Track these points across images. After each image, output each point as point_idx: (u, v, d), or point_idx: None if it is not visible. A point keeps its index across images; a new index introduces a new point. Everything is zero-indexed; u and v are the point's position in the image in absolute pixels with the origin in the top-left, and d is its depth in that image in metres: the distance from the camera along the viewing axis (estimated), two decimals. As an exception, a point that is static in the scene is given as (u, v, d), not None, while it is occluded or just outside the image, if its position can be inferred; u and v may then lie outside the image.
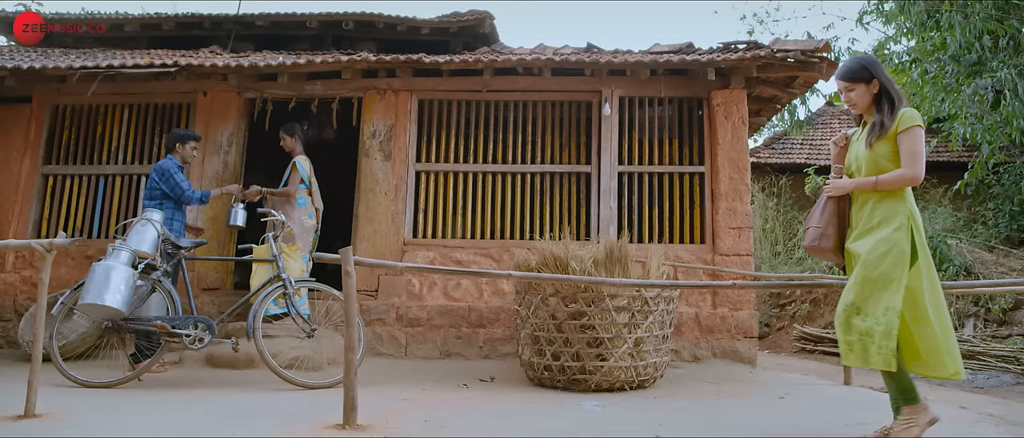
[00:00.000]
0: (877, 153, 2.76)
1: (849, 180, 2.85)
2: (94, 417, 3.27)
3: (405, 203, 5.66)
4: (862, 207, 2.81)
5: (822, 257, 3.05)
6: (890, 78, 2.82)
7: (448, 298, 5.51)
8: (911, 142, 2.69)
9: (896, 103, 2.76)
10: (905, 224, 2.67)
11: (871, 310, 2.65)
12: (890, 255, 2.64)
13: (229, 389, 4.15)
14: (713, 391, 4.50)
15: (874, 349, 2.63)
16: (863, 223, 2.78)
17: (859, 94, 2.83)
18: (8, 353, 5.47)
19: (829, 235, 2.90)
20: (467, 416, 3.49)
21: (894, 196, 2.73)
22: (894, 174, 2.70)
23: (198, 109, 5.93)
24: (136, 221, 4.51)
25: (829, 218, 2.92)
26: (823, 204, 2.96)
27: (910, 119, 2.71)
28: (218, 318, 4.41)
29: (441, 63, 5.35)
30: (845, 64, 2.90)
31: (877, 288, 2.65)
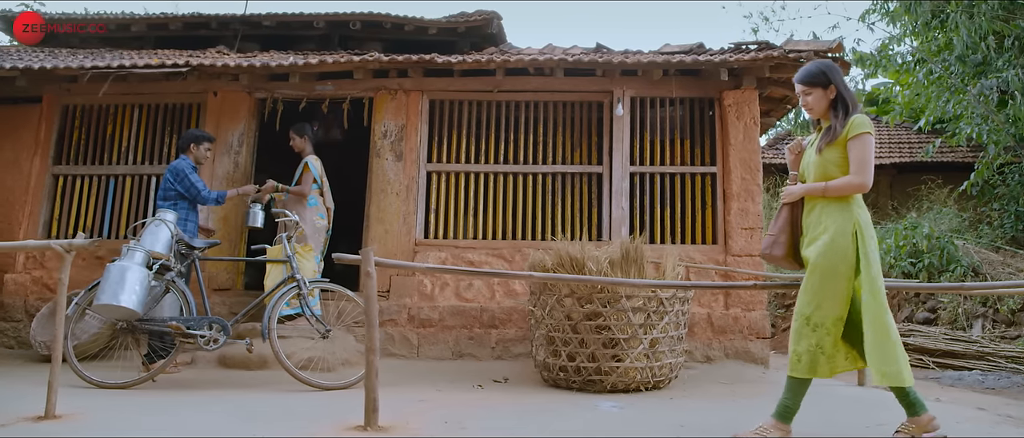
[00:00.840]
0: (826, 159, 2.76)
1: (800, 186, 2.86)
2: (114, 418, 3.26)
3: (416, 203, 5.65)
4: (811, 213, 2.82)
5: (776, 264, 3.07)
6: (846, 85, 2.82)
7: (460, 299, 5.50)
8: (860, 149, 2.69)
9: (850, 110, 2.76)
10: (850, 231, 2.66)
11: (821, 320, 2.67)
12: (836, 266, 2.65)
13: (244, 390, 4.14)
14: (728, 392, 4.49)
15: (823, 361, 2.66)
16: (812, 230, 2.79)
17: (816, 99, 2.83)
18: (19, 353, 5.45)
19: (781, 242, 2.92)
20: (487, 417, 3.48)
21: (842, 202, 2.73)
22: (842, 181, 2.70)
23: (208, 109, 5.92)
24: (150, 222, 4.50)
25: (782, 225, 2.93)
26: (778, 211, 2.98)
27: (860, 126, 2.70)
28: (232, 319, 4.40)
29: (453, 63, 5.34)
30: (804, 68, 2.91)
31: (826, 298, 2.66)
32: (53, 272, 5.71)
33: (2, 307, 5.63)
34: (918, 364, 7.26)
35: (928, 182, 11.91)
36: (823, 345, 2.66)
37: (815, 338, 2.68)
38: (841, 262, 2.64)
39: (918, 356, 7.47)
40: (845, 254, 2.64)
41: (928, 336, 7.82)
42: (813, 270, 2.71)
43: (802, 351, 2.70)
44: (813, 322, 2.69)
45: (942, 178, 11.88)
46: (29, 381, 4.35)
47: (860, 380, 4.88)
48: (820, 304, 2.67)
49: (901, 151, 13.62)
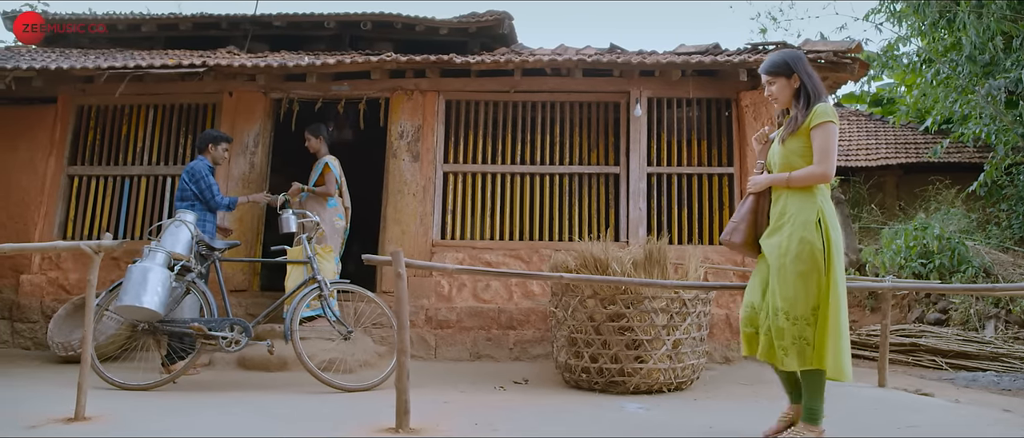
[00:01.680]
0: (789, 149, 2.74)
1: (764, 177, 2.85)
2: (142, 419, 3.25)
3: (433, 204, 5.64)
4: (776, 203, 2.80)
5: (735, 252, 3.05)
6: (812, 74, 2.79)
7: (477, 300, 5.49)
8: (823, 138, 2.66)
9: (813, 99, 2.73)
10: (815, 221, 2.64)
11: (801, 313, 2.63)
12: (806, 255, 2.63)
13: (265, 392, 4.13)
14: (750, 392, 4.49)
15: (810, 352, 2.62)
16: (776, 220, 2.77)
17: (779, 88, 2.81)
18: (36, 354, 5.43)
19: (740, 230, 2.90)
20: (515, 418, 3.47)
21: (805, 193, 2.71)
22: (805, 171, 2.68)
23: (223, 109, 5.90)
24: (170, 222, 4.48)
25: (744, 214, 2.92)
26: (743, 200, 2.97)
27: (822, 114, 2.67)
28: (253, 320, 4.39)
29: (472, 64, 5.33)
30: (769, 58, 2.89)
31: (799, 291, 2.63)
32: (69, 273, 5.69)
33: (18, 308, 5.62)
34: (931, 365, 7.25)
35: (936, 183, 11.90)
36: (807, 337, 2.62)
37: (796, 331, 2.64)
38: (810, 255, 2.62)
39: (931, 357, 7.46)
40: (813, 247, 2.62)
41: (940, 337, 7.81)
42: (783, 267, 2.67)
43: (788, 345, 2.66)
44: (792, 315, 2.65)
45: (950, 179, 11.87)
46: (50, 382, 4.34)
47: (880, 381, 4.87)
48: (795, 298, 2.64)
49: (907, 151, 13.61)
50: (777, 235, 2.73)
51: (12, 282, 5.69)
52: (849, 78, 5.33)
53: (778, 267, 2.70)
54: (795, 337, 2.64)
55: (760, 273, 2.85)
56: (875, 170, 13.42)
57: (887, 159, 13.43)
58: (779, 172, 2.78)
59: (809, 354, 2.62)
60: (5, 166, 5.85)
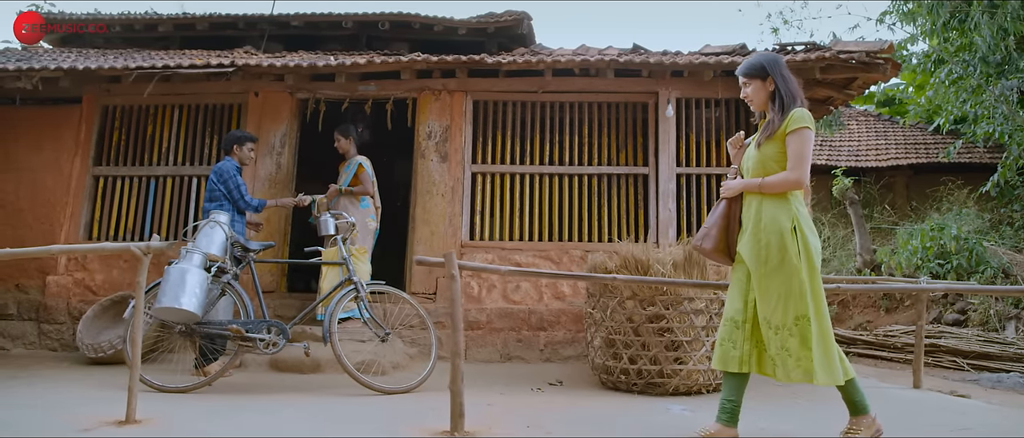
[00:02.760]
0: (765, 154, 2.71)
1: (738, 181, 2.80)
2: (192, 422, 3.23)
3: (462, 205, 5.62)
4: (749, 208, 2.76)
5: (707, 257, 2.99)
6: (789, 78, 2.76)
7: (507, 301, 5.47)
8: (798, 144, 2.62)
9: (787, 103, 2.69)
10: (789, 228, 2.61)
11: (783, 322, 2.59)
12: (783, 264, 2.59)
13: (303, 394, 4.10)
14: (786, 393, 4.46)
15: (792, 363, 2.58)
16: (751, 226, 2.72)
17: (754, 90, 2.79)
18: (63, 356, 5.40)
19: (712, 236, 2.85)
20: (565, 420, 3.46)
21: (779, 199, 2.67)
22: (779, 177, 2.65)
23: (249, 109, 5.87)
24: (204, 223, 4.46)
25: (716, 219, 2.87)
26: (716, 204, 2.92)
27: (799, 120, 2.65)
28: (290, 322, 4.36)
29: (503, 63, 5.31)
30: (746, 60, 2.86)
31: (781, 299, 2.59)
32: (95, 274, 5.66)
33: (45, 309, 5.58)
34: (951, 366, 7.24)
35: (948, 183, 11.90)
36: (789, 347, 2.58)
37: (779, 340, 2.60)
38: (791, 260, 2.58)
39: (951, 357, 7.46)
40: (792, 252, 2.58)
41: (960, 337, 7.81)
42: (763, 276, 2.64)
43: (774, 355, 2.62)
44: (775, 324, 2.61)
45: (962, 179, 11.88)
46: (85, 383, 4.31)
47: (915, 382, 4.86)
48: (776, 307, 2.60)
49: (917, 152, 13.62)
50: (754, 243, 2.68)
51: (39, 283, 5.66)
52: (880, 79, 5.32)
53: (758, 277, 2.65)
54: (779, 347, 2.60)
55: (738, 282, 2.78)
56: (885, 170, 13.44)
57: (897, 159, 13.44)
58: (752, 176, 2.74)
59: (791, 365, 2.57)
60: (31, 166, 5.81)
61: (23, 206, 5.77)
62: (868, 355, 8.36)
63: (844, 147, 14.17)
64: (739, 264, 2.79)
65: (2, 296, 5.66)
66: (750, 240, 2.71)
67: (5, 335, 5.58)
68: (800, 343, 2.56)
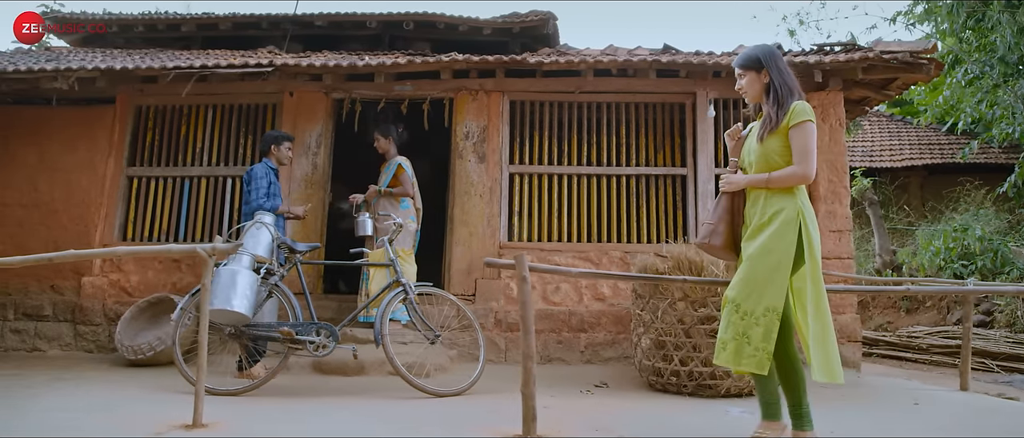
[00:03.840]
0: (768, 148, 2.67)
1: (742, 177, 2.75)
2: (256, 426, 3.19)
3: (500, 206, 5.59)
4: (754, 204, 2.72)
5: (714, 255, 2.94)
6: (785, 71, 2.73)
7: (547, 302, 5.44)
8: (802, 138, 2.60)
9: (784, 96, 2.67)
10: (794, 221, 2.57)
11: (751, 309, 2.56)
12: (774, 253, 2.56)
13: (355, 397, 4.06)
14: (838, 395, 4.43)
15: (748, 351, 2.54)
16: (755, 221, 2.69)
17: (748, 82, 2.77)
18: (100, 357, 5.36)
19: (720, 232, 2.80)
20: (628, 421, 3.46)
21: (785, 193, 2.64)
22: (785, 172, 2.62)
23: (284, 110, 5.84)
24: (250, 225, 4.42)
25: (721, 214, 2.82)
26: (717, 200, 2.87)
27: (801, 114, 2.62)
28: (339, 324, 4.33)
29: (546, 63, 5.28)
30: (742, 52, 2.83)
31: (758, 287, 2.56)
32: (130, 275, 5.62)
33: (81, 310, 5.54)
34: (980, 367, 7.24)
35: (965, 184, 11.89)
36: (750, 335, 2.55)
37: (743, 326, 2.57)
38: (783, 253, 2.54)
39: (979, 359, 7.44)
40: (788, 245, 2.55)
41: (987, 339, 7.80)
42: (751, 258, 2.61)
43: (728, 339, 2.60)
44: (743, 310, 2.58)
45: (980, 179, 11.87)
46: (131, 385, 4.26)
47: (962, 384, 4.84)
48: (751, 293, 2.57)
49: (932, 152, 13.61)
50: (757, 237, 2.65)
51: (74, 284, 5.62)
52: (923, 79, 5.30)
53: (746, 262, 2.63)
54: (738, 334, 2.56)
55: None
56: (899, 171, 13.43)
57: (911, 160, 13.44)
58: (757, 172, 2.70)
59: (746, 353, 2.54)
60: (65, 167, 5.77)
61: (57, 207, 5.73)
62: (892, 356, 8.35)
63: (858, 147, 14.16)
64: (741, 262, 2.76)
65: (37, 297, 5.62)
66: (753, 236, 2.68)
67: (41, 336, 5.54)
68: (763, 335, 2.52)
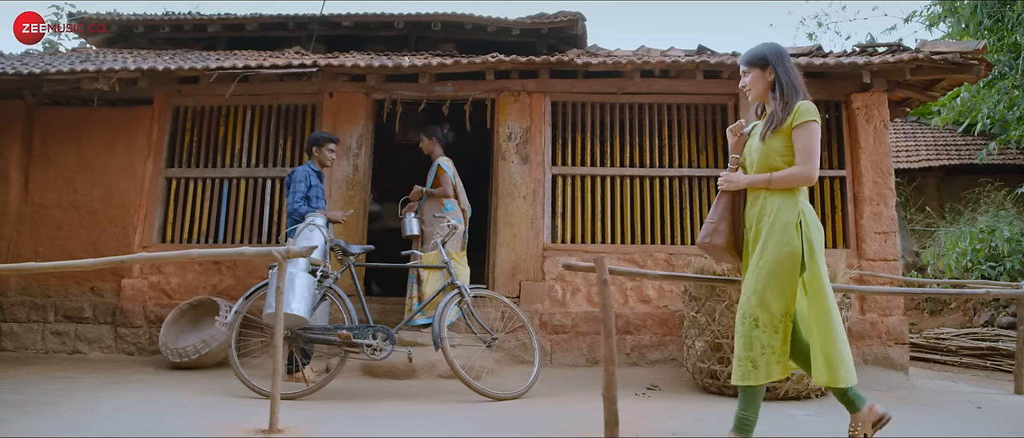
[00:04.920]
0: (770, 148, 2.61)
1: (743, 177, 2.69)
2: (334, 430, 3.16)
3: (543, 207, 5.56)
4: (753, 205, 2.66)
5: (714, 255, 2.85)
6: (791, 69, 2.68)
7: (592, 304, 5.41)
8: (805, 138, 2.54)
9: (789, 95, 2.61)
10: (795, 225, 2.52)
11: (769, 320, 2.51)
12: (783, 261, 2.50)
13: (413, 400, 4.04)
14: (895, 398, 4.41)
15: (774, 360, 2.50)
16: (755, 224, 2.63)
17: (753, 79, 2.73)
18: (141, 360, 5.32)
19: (721, 231, 2.72)
20: (698, 424, 3.45)
21: (786, 195, 2.57)
22: (787, 172, 2.56)
23: (324, 110, 5.80)
24: (302, 227, 4.39)
25: (722, 213, 2.74)
26: (717, 198, 2.80)
27: (805, 113, 2.56)
28: (395, 327, 4.29)
29: (594, 64, 5.25)
30: (749, 49, 2.79)
31: (773, 296, 2.51)
32: (170, 277, 5.58)
33: (122, 313, 5.50)
34: (1010, 369, 7.22)
35: (986, 185, 11.87)
36: (774, 345, 2.51)
37: (766, 338, 2.52)
38: (788, 257, 2.49)
39: (1010, 362, 7.42)
40: (792, 249, 2.49)
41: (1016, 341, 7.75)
42: (759, 267, 2.55)
43: (756, 356, 2.54)
44: (762, 322, 2.53)
45: (1001, 180, 11.85)
46: (186, 388, 4.22)
47: (1017, 388, 4.82)
48: (768, 304, 2.52)
49: (949, 153, 13.60)
50: (759, 242, 2.59)
51: (114, 286, 5.57)
52: (971, 79, 5.28)
53: (753, 270, 2.57)
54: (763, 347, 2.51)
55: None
56: (916, 172, 13.41)
57: (928, 161, 13.42)
58: (758, 171, 2.64)
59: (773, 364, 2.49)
60: (104, 168, 5.73)
61: (97, 208, 5.69)
62: (920, 358, 8.31)
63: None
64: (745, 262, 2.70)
65: (77, 299, 5.58)
66: (757, 239, 2.61)
67: (81, 338, 5.50)
68: (782, 340, 2.50)
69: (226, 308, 5.15)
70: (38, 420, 3.18)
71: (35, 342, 5.51)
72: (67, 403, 3.62)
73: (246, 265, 5.52)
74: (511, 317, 4.62)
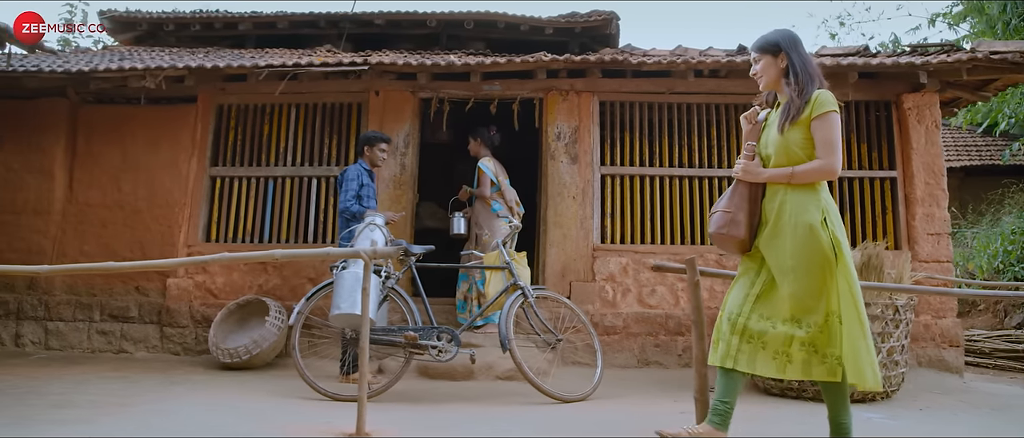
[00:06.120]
0: (789, 140, 2.50)
1: (764, 171, 2.56)
2: (424, 432, 3.12)
3: (592, 207, 5.51)
4: (773, 199, 2.53)
5: (727, 247, 2.67)
6: (806, 56, 2.56)
7: (643, 305, 5.37)
8: (826, 129, 2.43)
9: (805, 83, 2.50)
10: (820, 221, 2.42)
11: (812, 320, 2.41)
12: (817, 259, 2.39)
13: (483, 403, 3.99)
14: (954, 402, 4.38)
15: (816, 360, 2.41)
16: (773, 218, 2.51)
17: (764, 66, 2.61)
18: (188, 360, 5.27)
19: (740, 222, 2.56)
20: (776, 425, 3.40)
21: (808, 190, 2.48)
22: (810, 166, 2.45)
23: (371, 109, 5.75)
24: (362, 227, 4.34)
25: (739, 202, 2.58)
26: (733, 187, 2.65)
27: (825, 104, 2.44)
28: (461, 329, 4.25)
29: (648, 63, 5.21)
30: (761, 35, 2.67)
31: (813, 296, 2.40)
32: (215, 277, 5.53)
33: (168, 312, 5.45)
34: (1048, 371, 7.18)
35: (1009, 185, 11.84)
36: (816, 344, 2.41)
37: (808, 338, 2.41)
38: (822, 260, 2.38)
39: (1048, 363, 7.38)
40: (821, 246, 2.38)
41: (1055, 343, 7.74)
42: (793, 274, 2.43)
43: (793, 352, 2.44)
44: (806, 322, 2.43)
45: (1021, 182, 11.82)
46: (244, 389, 4.17)
47: (1078, 390, 4.79)
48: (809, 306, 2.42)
49: (969, 154, 13.57)
50: (779, 239, 2.48)
51: (159, 285, 5.53)
52: (1027, 80, 5.24)
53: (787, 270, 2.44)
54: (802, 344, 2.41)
55: (747, 278, 2.60)
56: (937, 173, 13.36)
57: (949, 161, 13.34)
58: (777, 164, 2.53)
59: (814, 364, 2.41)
60: (148, 166, 5.68)
61: (141, 207, 5.64)
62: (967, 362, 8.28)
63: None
64: (752, 259, 2.60)
65: (123, 298, 5.53)
66: (774, 236, 2.50)
67: (127, 338, 5.46)
68: (827, 341, 2.40)
69: (276, 309, 5.11)
70: (120, 421, 3.15)
71: (81, 341, 5.46)
72: (138, 403, 3.58)
73: (293, 265, 5.47)
74: (565, 318, 4.57)
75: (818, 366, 2.41)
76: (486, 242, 5.16)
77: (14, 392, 3.83)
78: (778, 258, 2.48)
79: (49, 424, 3.08)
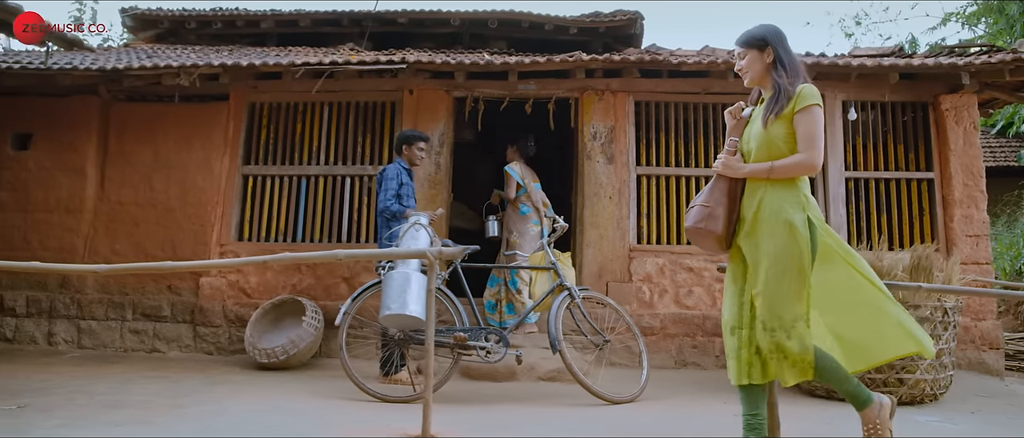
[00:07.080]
0: (772, 134, 2.46)
1: (744, 165, 2.51)
2: (486, 433, 3.08)
3: (628, 208, 5.48)
4: (753, 195, 2.49)
5: (703, 242, 2.61)
6: (791, 52, 2.53)
7: (680, 306, 5.34)
8: (808, 123, 2.40)
9: (791, 78, 2.47)
10: (801, 216, 2.38)
11: (779, 324, 2.34)
12: (792, 259, 2.34)
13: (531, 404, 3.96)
14: (1004, 405, 4.36)
15: (787, 365, 2.34)
16: (752, 216, 2.46)
17: (749, 62, 2.57)
18: (222, 360, 5.23)
19: (718, 216, 2.50)
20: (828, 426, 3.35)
21: (788, 185, 2.44)
22: (790, 161, 2.41)
23: (404, 108, 5.71)
24: (407, 227, 4.30)
25: (718, 197, 2.53)
26: (713, 182, 2.60)
27: (808, 97, 2.42)
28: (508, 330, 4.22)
29: (689, 63, 5.17)
30: (746, 30, 2.64)
31: (784, 298, 2.35)
32: (249, 276, 5.49)
33: (201, 312, 5.41)
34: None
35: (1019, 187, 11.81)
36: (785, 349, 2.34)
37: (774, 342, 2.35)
38: (799, 256, 2.34)
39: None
40: (800, 246, 2.34)
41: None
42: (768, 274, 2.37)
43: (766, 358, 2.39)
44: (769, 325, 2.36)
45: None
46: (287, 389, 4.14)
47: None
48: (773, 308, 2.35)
49: (984, 156, 13.51)
50: (756, 236, 2.44)
51: (192, 285, 5.49)
52: (1067, 82, 5.22)
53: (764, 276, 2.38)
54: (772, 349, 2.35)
55: (734, 282, 2.54)
56: (951, 174, 13.33)
57: (963, 163, 13.34)
58: (758, 159, 2.49)
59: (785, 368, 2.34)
60: (180, 164, 5.64)
61: (173, 205, 5.60)
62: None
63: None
64: (736, 262, 2.54)
65: (155, 297, 5.49)
66: (752, 233, 2.46)
67: (160, 337, 5.42)
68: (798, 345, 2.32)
69: (312, 309, 5.07)
70: (177, 421, 3.12)
71: (114, 340, 5.42)
72: (189, 404, 3.55)
73: (326, 265, 5.43)
74: (604, 318, 4.54)
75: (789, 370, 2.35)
76: (514, 244, 5.17)
77: (60, 391, 3.79)
78: (754, 255, 2.44)
79: (106, 425, 3.04)
